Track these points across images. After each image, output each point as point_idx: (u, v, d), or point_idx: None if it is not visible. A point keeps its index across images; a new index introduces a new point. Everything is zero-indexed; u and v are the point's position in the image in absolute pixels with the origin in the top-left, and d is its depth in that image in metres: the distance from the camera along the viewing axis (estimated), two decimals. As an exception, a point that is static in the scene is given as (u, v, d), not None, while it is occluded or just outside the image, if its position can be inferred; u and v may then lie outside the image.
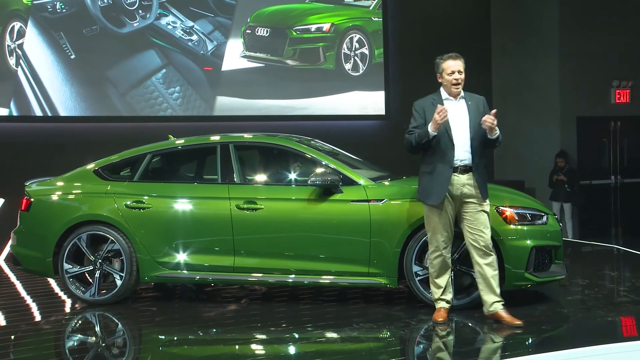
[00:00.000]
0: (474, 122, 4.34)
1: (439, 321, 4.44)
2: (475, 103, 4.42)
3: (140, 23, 8.56)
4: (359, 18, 9.36)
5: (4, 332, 4.67)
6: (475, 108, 4.39)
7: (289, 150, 5.18)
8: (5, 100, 8.06)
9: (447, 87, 4.40)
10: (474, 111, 4.37)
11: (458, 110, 4.36)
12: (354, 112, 9.28)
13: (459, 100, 4.41)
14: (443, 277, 4.50)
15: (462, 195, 4.36)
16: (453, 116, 4.32)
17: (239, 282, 5.18)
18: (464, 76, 4.37)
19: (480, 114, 4.34)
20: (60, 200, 5.30)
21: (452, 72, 4.36)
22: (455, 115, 4.34)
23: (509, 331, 4.27)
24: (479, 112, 4.36)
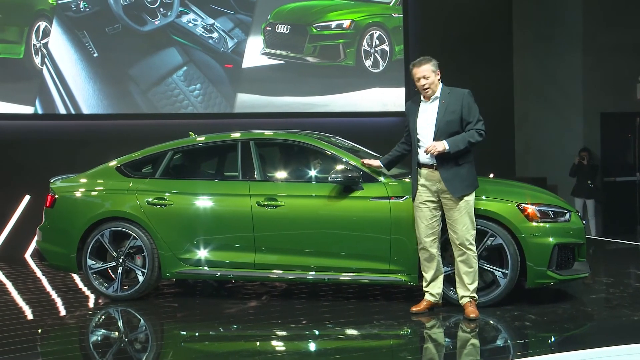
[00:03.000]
0: (440, 121, 4.47)
1: (413, 310, 4.61)
2: (453, 100, 4.50)
3: (161, 21, 8.61)
4: (379, 14, 9.31)
5: (31, 325, 4.77)
6: (447, 106, 4.48)
7: (309, 147, 5.18)
8: (31, 98, 8.18)
9: (421, 92, 4.58)
10: (444, 110, 4.48)
11: (429, 112, 4.55)
12: (374, 108, 9.25)
13: (432, 102, 4.55)
14: (430, 271, 4.61)
15: (439, 191, 4.52)
16: (423, 117, 4.55)
17: (260, 279, 5.20)
18: (432, 79, 4.50)
19: (452, 112, 4.46)
20: (83, 197, 5.37)
21: (418, 78, 4.53)
22: (424, 116, 4.55)
23: (531, 329, 4.23)
24: (451, 111, 4.47)
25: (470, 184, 4.52)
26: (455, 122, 4.48)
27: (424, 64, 4.52)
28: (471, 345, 4.05)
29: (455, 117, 4.47)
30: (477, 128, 4.48)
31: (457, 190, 4.47)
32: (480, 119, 4.51)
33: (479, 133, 4.48)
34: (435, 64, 4.56)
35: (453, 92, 4.55)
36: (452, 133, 4.47)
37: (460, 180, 4.48)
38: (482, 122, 4.51)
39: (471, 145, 4.48)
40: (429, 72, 4.51)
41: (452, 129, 4.47)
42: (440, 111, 4.49)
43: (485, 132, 4.50)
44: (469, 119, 4.49)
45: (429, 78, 4.50)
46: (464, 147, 4.45)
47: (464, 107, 4.49)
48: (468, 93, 4.55)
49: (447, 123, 4.47)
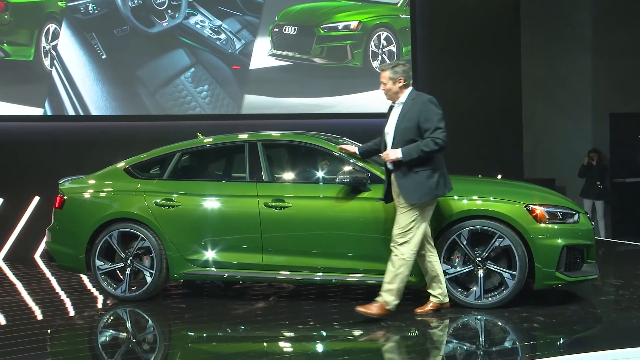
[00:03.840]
0: (397, 128, 4.50)
1: (417, 312, 4.65)
2: (413, 107, 4.48)
3: (169, 23, 8.64)
4: (387, 15, 9.31)
5: (41, 326, 4.80)
6: (406, 113, 4.49)
7: (317, 148, 5.18)
8: (41, 100, 8.23)
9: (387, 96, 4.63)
10: (403, 117, 4.50)
11: (393, 117, 4.60)
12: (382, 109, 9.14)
13: (397, 107, 4.60)
14: (425, 272, 4.66)
15: (395, 194, 4.58)
16: (389, 122, 4.62)
17: (267, 280, 5.20)
18: (389, 86, 4.56)
19: (409, 120, 4.46)
20: (92, 198, 5.40)
21: (384, 83, 4.59)
22: (390, 121, 4.61)
23: (539, 331, 4.21)
24: (409, 118, 4.46)
25: (426, 192, 4.43)
26: (411, 129, 4.43)
27: (383, 71, 4.58)
28: (479, 347, 4.04)
29: (411, 124, 4.44)
30: (434, 136, 4.38)
31: (412, 197, 4.43)
32: (439, 127, 4.39)
33: (434, 142, 4.37)
34: (395, 72, 4.52)
35: (417, 99, 4.51)
36: (409, 140, 4.43)
37: (415, 187, 4.43)
38: (441, 131, 4.39)
39: (426, 154, 4.38)
40: (386, 79, 4.56)
41: (408, 136, 4.43)
42: (399, 117, 4.51)
43: (443, 141, 4.38)
44: (425, 126, 4.41)
45: (386, 85, 4.56)
46: (418, 156, 4.39)
47: (422, 115, 4.43)
48: (429, 100, 4.49)
49: (403, 130, 4.46)
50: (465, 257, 4.73)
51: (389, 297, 4.47)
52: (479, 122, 9.90)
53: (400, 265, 4.45)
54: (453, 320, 4.50)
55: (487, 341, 4.14)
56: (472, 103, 9.84)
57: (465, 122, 9.77)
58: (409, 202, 4.43)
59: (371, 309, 4.47)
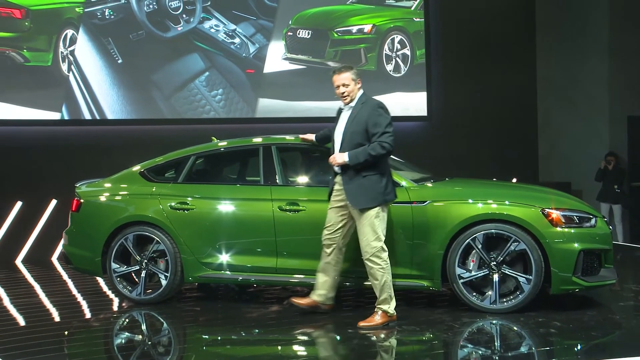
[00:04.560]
0: (346, 131, 4.50)
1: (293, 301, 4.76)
2: (363, 111, 4.48)
3: (184, 27, 8.70)
4: (401, 19, 9.29)
5: (59, 327, 4.85)
6: (355, 117, 4.48)
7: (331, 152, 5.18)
8: (58, 104, 8.32)
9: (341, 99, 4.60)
10: (352, 121, 4.49)
11: (342, 120, 4.59)
12: (396, 113, 9.13)
13: (347, 110, 4.59)
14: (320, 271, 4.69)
15: (343, 198, 4.55)
16: (338, 125, 4.60)
17: (281, 284, 5.21)
18: (352, 87, 4.53)
19: (358, 124, 4.45)
20: (107, 202, 5.44)
21: (338, 86, 4.55)
22: (339, 124, 4.60)
23: (556, 336, 4.17)
24: (358, 122, 4.46)
25: (374, 197, 4.42)
26: (359, 133, 4.44)
27: (344, 72, 4.54)
28: (494, 352, 4.01)
29: (360, 128, 4.44)
30: (381, 140, 4.38)
31: (358, 202, 4.43)
32: (387, 131, 4.40)
33: (381, 146, 4.37)
34: (356, 73, 4.56)
35: (366, 103, 4.52)
36: (357, 144, 4.43)
37: (362, 193, 4.42)
38: (389, 135, 4.40)
39: (373, 157, 4.38)
40: (349, 80, 4.52)
41: (356, 140, 4.44)
42: (349, 121, 4.52)
43: (390, 145, 4.39)
44: (374, 130, 4.41)
45: (349, 86, 4.52)
46: (364, 160, 4.38)
47: (370, 119, 4.43)
48: (378, 105, 4.49)
49: (351, 134, 4.47)
50: (480, 261, 4.70)
51: (385, 306, 4.49)
52: (494, 126, 9.85)
53: (382, 275, 4.46)
54: (468, 325, 4.47)
55: (503, 346, 4.11)
56: (486, 106, 9.79)
57: (480, 126, 9.73)
58: (356, 207, 4.44)
59: (376, 321, 4.47)
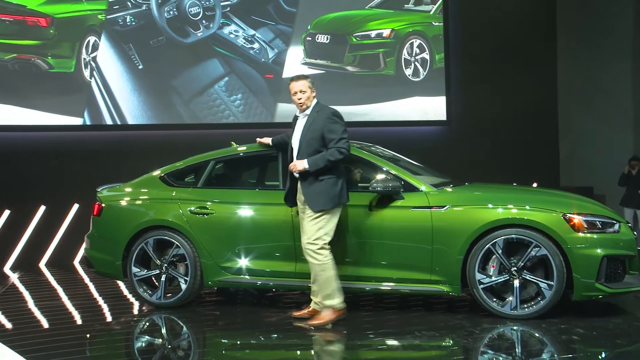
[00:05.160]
0: (302, 139, 4.63)
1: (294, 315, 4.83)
2: (318, 119, 4.62)
3: (203, 33, 8.77)
4: (420, 23, 9.27)
5: (81, 330, 4.91)
6: (311, 124, 4.62)
7: (350, 157, 5.16)
8: (80, 110, 8.43)
9: (297, 106, 4.72)
10: (308, 128, 4.63)
11: (298, 127, 4.71)
12: (415, 117, 9.19)
13: (303, 117, 4.71)
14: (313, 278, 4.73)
15: (302, 203, 4.69)
16: (295, 132, 4.72)
17: (300, 288, 5.20)
18: (308, 94, 4.66)
19: (314, 131, 4.60)
20: (128, 206, 5.49)
21: (295, 92, 4.67)
22: (295, 132, 4.72)
23: (579, 343, 4.12)
24: (314, 129, 4.60)
25: (331, 199, 4.57)
26: (316, 140, 4.58)
27: (301, 79, 4.68)
28: (515, 358, 3.97)
29: (316, 135, 4.58)
30: (338, 146, 4.53)
31: (317, 205, 4.57)
32: (342, 137, 4.55)
33: (339, 151, 4.52)
34: (312, 82, 4.71)
35: (321, 111, 4.65)
36: (314, 151, 4.57)
37: (319, 195, 4.57)
38: (345, 141, 4.56)
39: (331, 163, 4.53)
40: (305, 87, 4.65)
41: (313, 147, 4.58)
42: (305, 128, 4.65)
43: (347, 150, 4.57)
44: (330, 137, 4.56)
45: (305, 93, 4.64)
46: (324, 165, 4.53)
47: (326, 127, 4.57)
48: (332, 113, 4.61)
49: (308, 141, 4.60)
50: (501, 266, 4.66)
51: (331, 301, 4.62)
52: (514, 130, 9.76)
53: (322, 270, 4.60)
54: (488, 331, 4.43)
55: (524, 353, 4.06)
56: (506, 110, 9.71)
57: (500, 130, 9.65)
58: (314, 209, 4.56)
59: (324, 318, 4.60)
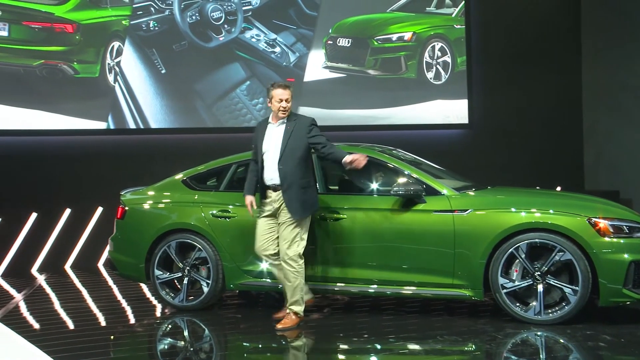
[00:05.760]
0: (285, 145, 4.67)
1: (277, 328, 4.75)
2: (299, 127, 4.72)
3: (225, 37, 8.82)
4: (441, 26, 9.22)
5: (105, 332, 4.97)
6: (293, 132, 4.69)
7: (372, 160, 5.15)
8: (104, 114, 8.54)
9: (274, 112, 4.76)
10: (289, 136, 4.68)
11: (275, 134, 4.74)
12: (437, 121, 9.14)
13: (279, 125, 4.75)
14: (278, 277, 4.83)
15: (275, 210, 4.72)
16: (269, 140, 4.74)
17: (322, 292, 5.20)
18: (290, 103, 4.75)
19: (297, 139, 4.67)
20: (151, 209, 5.54)
21: (281, 99, 4.69)
22: (271, 139, 4.74)
23: (607, 350, 4.04)
24: (297, 137, 4.67)
25: (309, 207, 4.71)
26: (300, 147, 4.68)
27: (288, 88, 4.75)
28: (539, 364, 3.92)
29: (301, 143, 4.68)
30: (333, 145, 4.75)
31: (297, 212, 4.65)
32: (328, 139, 4.78)
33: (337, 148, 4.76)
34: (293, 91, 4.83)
35: (299, 119, 4.76)
36: (299, 157, 4.67)
37: (301, 204, 4.65)
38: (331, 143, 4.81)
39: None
40: (290, 96, 4.74)
41: (297, 154, 4.67)
42: (285, 136, 4.68)
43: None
44: (318, 140, 4.72)
45: (289, 102, 4.73)
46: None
47: (311, 135, 4.71)
48: (311, 121, 4.74)
49: (293, 148, 4.66)
50: (524, 270, 4.61)
51: (297, 307, 4.74)
52: (537, 132, 9.64)
53: (296, 277, 4.69)
54: (511, 336, 4.38)
55: (548, 359, 4.00)
56: (529, 113, 9.60)
57: (523, 133, 9.54)
58: (296, 217, 4.65)
59: (288, 323, 4.71)
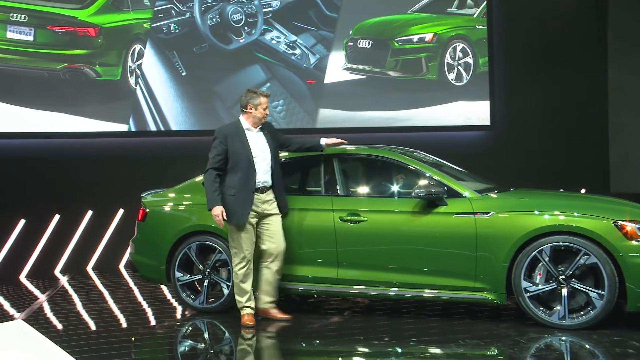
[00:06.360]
0: (271, 149, 4.96)
1: (251, 325, 4.83)
2: (268, 131, 5.02)
3: (246, 39, 8.85)
4: (463, 27, 9.13)
5: (126, 333, 4.99)
6: (269, 136, 5.00)
7: (392, 162, 5.14)
8: (126, 117, 8.62)
9: (254, 119, 4.93)
10: (270, 139, 4.99)
11: (259, 140, 4.95)
12: (458, 122, 9.05)
13: (259, 131, 4.95)
14: (248, 282, 4.91)
15: (264, 210, 4.89)
16: (255, 145, 4.91)
17: (342, 294, 5.18)
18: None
19: (274, 141, 5.02)
20: (172, 211, 5.56)
21: (265, 107, 4.93)
22: (256, 144, 4.92)
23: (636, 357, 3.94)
24: (273, 139, 5.02)
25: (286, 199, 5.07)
26: (277, 149, 5.05)
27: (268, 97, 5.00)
28: (564, 370, 3.85)
29: (276, 145, 5.04)
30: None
31: (287, 206, 5.01)
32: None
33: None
34: None
35: (267, 125, 5.05)
36: (278, 159, 5.04)
37: (283, 195, 5.02)
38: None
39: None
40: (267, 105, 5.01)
41: (277, 155, 5.04)
42: (267, 140, 4.96)
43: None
44: (290, 137, 5.20)
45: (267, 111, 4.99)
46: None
47: (280, 136, 5.12)
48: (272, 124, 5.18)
49: (274, 151, 4.99)
50: (548, 274, 4.54)
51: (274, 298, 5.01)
52: (561, 134, 9.49)
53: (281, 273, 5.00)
54: (535, 340, 4.31)
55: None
56: (552, 114, 9.45)
57: (546, 134, 9.40)
58: (285, 211, 5.01)
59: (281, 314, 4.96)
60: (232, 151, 4.86)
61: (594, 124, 9.68)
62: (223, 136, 4.91)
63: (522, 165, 9.08)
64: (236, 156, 4.86)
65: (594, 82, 9.65)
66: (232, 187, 4.84)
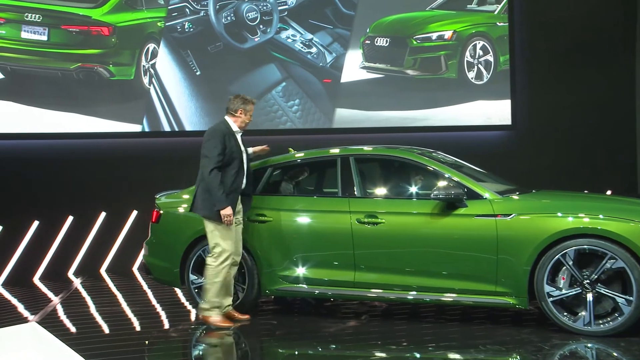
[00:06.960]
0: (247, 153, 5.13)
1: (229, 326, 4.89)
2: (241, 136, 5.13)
3: (261, 38, 8.78)
4: (483, 24, 8.98)
5: (139, 337, 4.95)
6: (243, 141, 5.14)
7: (411, 163, 5.05)
8: (139, 117, 8.58)
9: (242, 123, 5.05)
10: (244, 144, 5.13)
11: (241, 143, 5.06)
12: (478, 122, 8.91)
13: (238, 134, 5.06)
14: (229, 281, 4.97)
15: (237, 214, 4.99)
16: (241, 148, 5.03)
17: (359, 298, 5.10)
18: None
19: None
20: (186, 213, 5.48)
21: (251, 114, 5.09)
22: (242, 147, 5.05)
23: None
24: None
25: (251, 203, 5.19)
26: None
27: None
28: (591, 379, 3.72)
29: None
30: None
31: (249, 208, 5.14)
32: None
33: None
34: None
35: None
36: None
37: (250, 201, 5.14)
38: None
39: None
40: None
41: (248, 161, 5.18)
42: (243, 145, 5.07)
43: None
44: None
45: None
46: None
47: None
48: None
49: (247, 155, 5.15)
50: (572, 278, 4.41)
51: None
52: (585, 134, 9.28)
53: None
54: (559, 347, 4.19)
55: (600, 373, 3.80)
56: (576, 113, 9.25)
57: (570, 134, 9.20)
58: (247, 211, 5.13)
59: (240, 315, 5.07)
60: (228, 151, 4.88)
61: (620, 124, 9.44)
62: (222, 135, 4.89)
63: (545, 166, 8.91)
64: (231, 156, 4.89)
65: (620, 80, 9.42)
66: (225, 186, 4.86)
